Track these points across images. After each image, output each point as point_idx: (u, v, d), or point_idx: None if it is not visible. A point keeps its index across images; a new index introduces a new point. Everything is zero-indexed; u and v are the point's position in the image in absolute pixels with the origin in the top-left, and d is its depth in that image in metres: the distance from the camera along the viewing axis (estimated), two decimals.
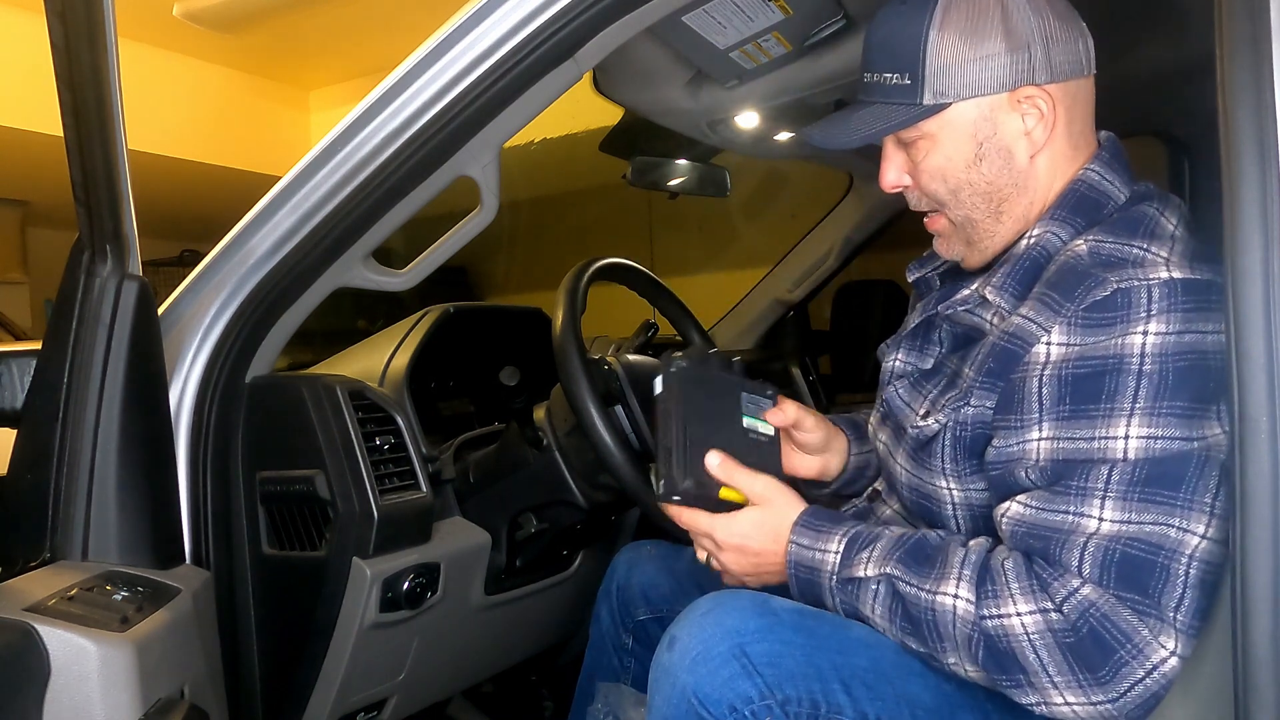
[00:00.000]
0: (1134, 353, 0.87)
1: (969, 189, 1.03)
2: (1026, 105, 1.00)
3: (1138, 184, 1.04)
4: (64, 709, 0.84)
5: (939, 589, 0.92)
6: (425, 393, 1.65)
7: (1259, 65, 0.73)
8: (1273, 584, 0.72)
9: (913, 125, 1.02)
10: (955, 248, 1.09)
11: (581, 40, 1.11)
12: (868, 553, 0.99)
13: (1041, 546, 0.90)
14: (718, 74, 1.51)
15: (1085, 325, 0.90)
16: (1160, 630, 0.84)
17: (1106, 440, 0.87)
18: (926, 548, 0.97)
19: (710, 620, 0.95)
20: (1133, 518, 0.86)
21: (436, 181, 1.20)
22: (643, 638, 1.41)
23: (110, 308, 1.03)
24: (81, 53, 0.95)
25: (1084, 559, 0.87)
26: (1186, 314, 0.87)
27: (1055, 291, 0.93)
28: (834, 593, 1.00)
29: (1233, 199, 0.74)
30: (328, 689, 1.31)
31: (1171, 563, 0.85)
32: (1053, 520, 0.89)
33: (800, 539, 1.03)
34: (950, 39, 0.98)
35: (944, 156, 1.03)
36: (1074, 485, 0.88)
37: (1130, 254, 0.93)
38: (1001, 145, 1.02)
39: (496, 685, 1.93)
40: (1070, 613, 0.86)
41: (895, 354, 1.16)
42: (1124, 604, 0.85)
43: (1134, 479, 0.86)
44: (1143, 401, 0.86)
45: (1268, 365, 0.72)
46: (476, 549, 1.43)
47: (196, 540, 1.22)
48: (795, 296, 2.50)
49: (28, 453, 1.04)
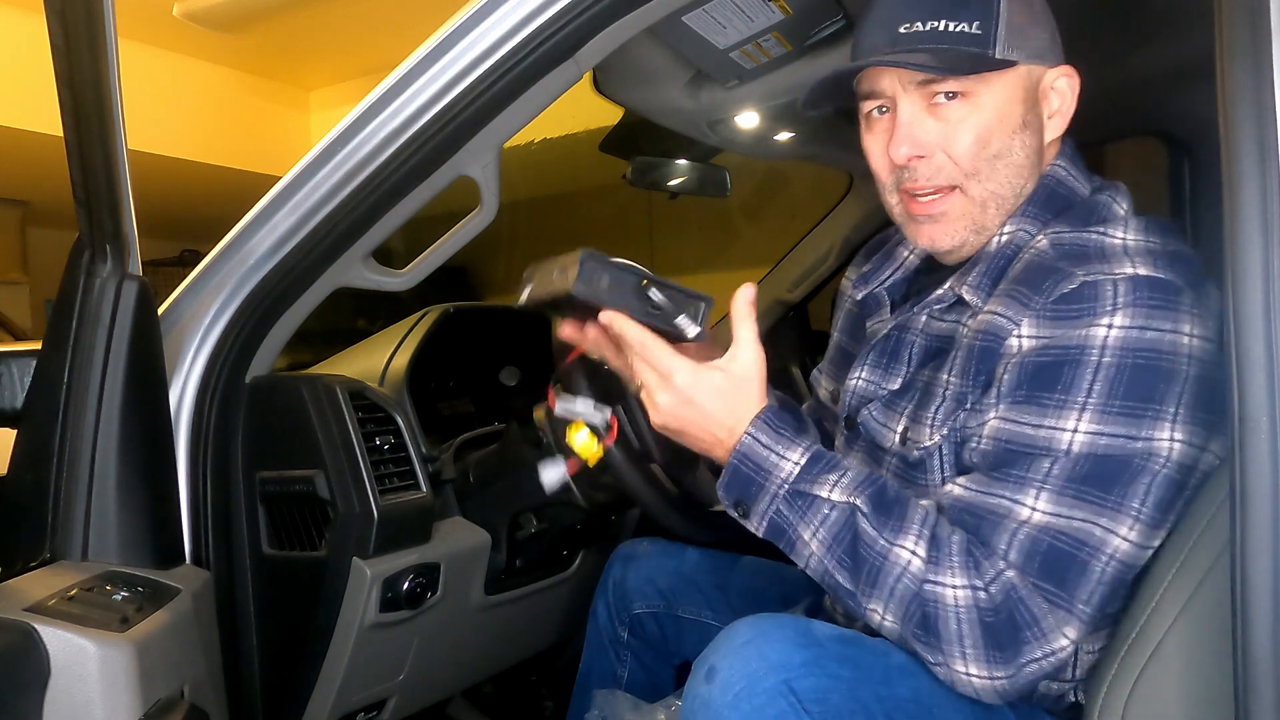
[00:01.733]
0: (1095, 344, 0.89)
1: (1008, 158, 1.00)
2: (1058, 83, 1.02)
3: (1093, 179, 1.06)
4: (64, 709, 0.84)
5: (897, 540, 0.93)
6: (425, 393, 1.65)
7: (1259, 65, 0.73)
8: (1273, 584, 0.72)
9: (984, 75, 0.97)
10: (960, 231, 1.03)
11: (581, 40, 1.11)
12: (835, 476, 0.97)
13: (975, 525, 0.93)
14: (718, 74, 1.51)
15: (1053, 318, 0.92)
16: (1066, 621, 0.89)
17: (1054, 431, 0.90)
18: (889, 494, 0.97)
19: (752, 652, 0.90)
20: (1063, 512, 0.89)
21: (436, 181, 1.20)
22: (639, 632, 1.41)
23: (110, 308, 1.03)
24: (81, 53, 0.95)
25: (1012, 545, 0.90)
26: (1150, 310, 0.89)
27: (1024, 286, 0.95)
28: (775, 499, 0.97)
29: (1233, 199, 0.74)
30: (328, 689, 1.31)
31: (1091, 560, 0.89)
32: (989, 503, 0.92)
33: (759, 434, 0.98)
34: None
35: (995, 115, 0.99)
36: (1014, 474, 0.92)
37: (1089, 240, 0.96)
38: (1037, 122, 1.02)
39: (496, 685, 1.93)
40: (996, 594, 0.90)
41: (859, 372, 1.14)
42: (1039, 592, 0.89)
43: (1072, 475, 0.90)
44: (1096, 397, 0.89)
45: (1268, 365, 0.72)
46: (476, 549, 1.43)
47: (196, 540, 1.22)
48: (795, 296, 2.50)
49: (28, 453, 1.04)
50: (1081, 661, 1.01)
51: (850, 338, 1.27)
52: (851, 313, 1.25)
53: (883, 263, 1.21)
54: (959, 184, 1.01)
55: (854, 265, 1.27)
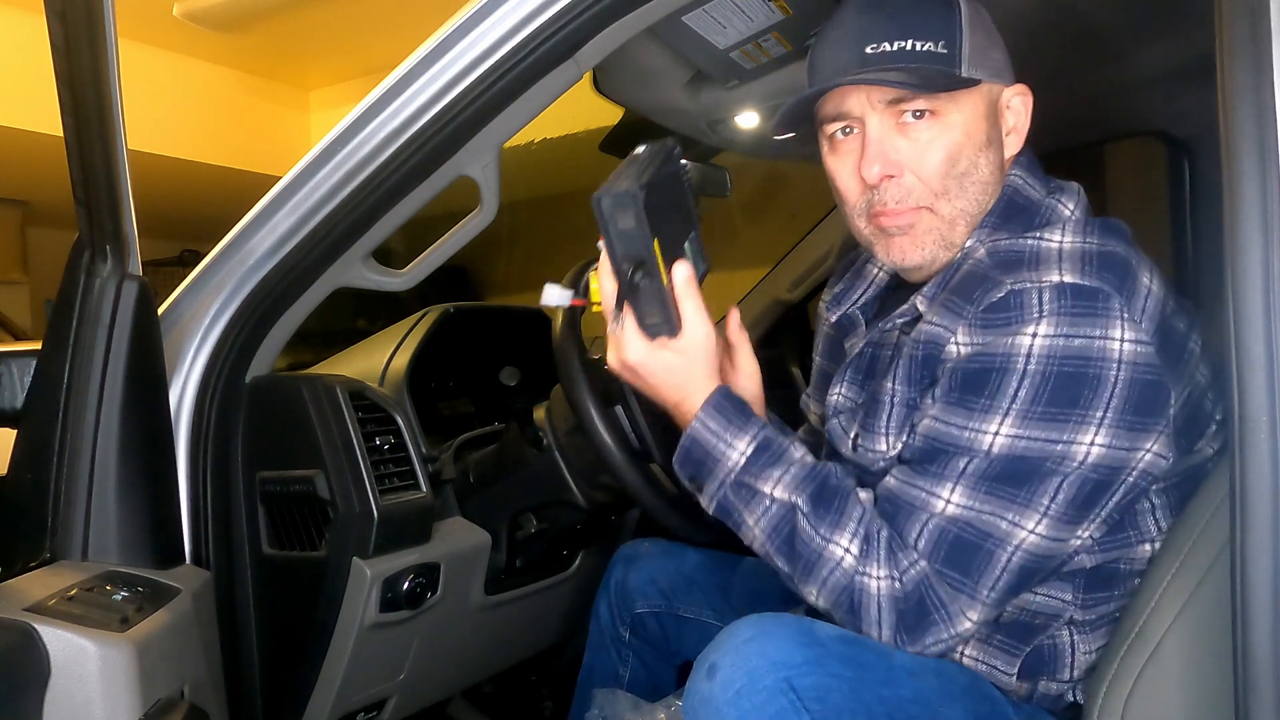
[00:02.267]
0: (1021, 352, 0.91)
1: (975, 175, 1.01)
2: (1016, 103, 1.03)
3: (1049, 182, 1.07)
4: (64, 709, 0.84)
5: (832, 537, 0.96)
6: (425, 393, 1.65)
7: (1259, 65, 0.73)
8: (1273, 584, 0.72)
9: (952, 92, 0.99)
10: (929, 246, 1.03)
11: (581, 40, 1.11)
12: (779, 471, 0.99)
13: (893, 513, 0.97)
14: (718, 74, 1.51)
15: (983, 326, 0.94)
16: (969, 605, 0.94)
17: (976, 433, 0.93)
18: (829, 487, 0.99)
19: (753, 649, 0.91)
20: (974, 505, 0.93)
21: (436, 181, 1.20)
22: (640, 632, 1.41)
23: (110, 308, 1.03)
24: (81, 53, 0.95)
25: (922, 535, 0.95)
26: (1074, 318, 0.90)
27: (957, 295, 0.98)
28: (722, 486, 1.01)
29: (1233, 199, 0.74)
30: (328, 689, 1.31)
31: (996, 550, 0.93)
32: (909, 493, 0.96)
33: (709, 420, 1.02)
34: (976, 18, 1.00)
35: (963, 134, 1.00)
36: (932, 469, 0.95)
37: (1024, 246, 0.98)
38: (999, 139, 1.04)
39: (496, 685, 1.93)
40: (907, 584, 0.95)
41: (838, 389, 1.16)
42: (944, 579, 0.94)
43: (986, 473, 0.93)
44: (1020, 403, 0.91)
45: (1268, 365, 0.72)
46: (476, 549, 1.43)
47: (196, 540, 1.22)
48: (795, 296, 2.50)
49: (28, 453, 1.04)
50: (1080, 662, 1.01)
51: (830, 359, 1.27)
52: (830, 336, 1.26)
53: (854, 281, 1.21)
54: (928, 204, 1.02)
55: (829, 286, 1.28)
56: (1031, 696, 1.03)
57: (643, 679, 1.41)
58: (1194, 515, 0.94)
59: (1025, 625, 1.02)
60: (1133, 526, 1.00)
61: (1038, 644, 1.02)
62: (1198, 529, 0.92)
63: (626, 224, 0.94)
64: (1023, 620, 1.02)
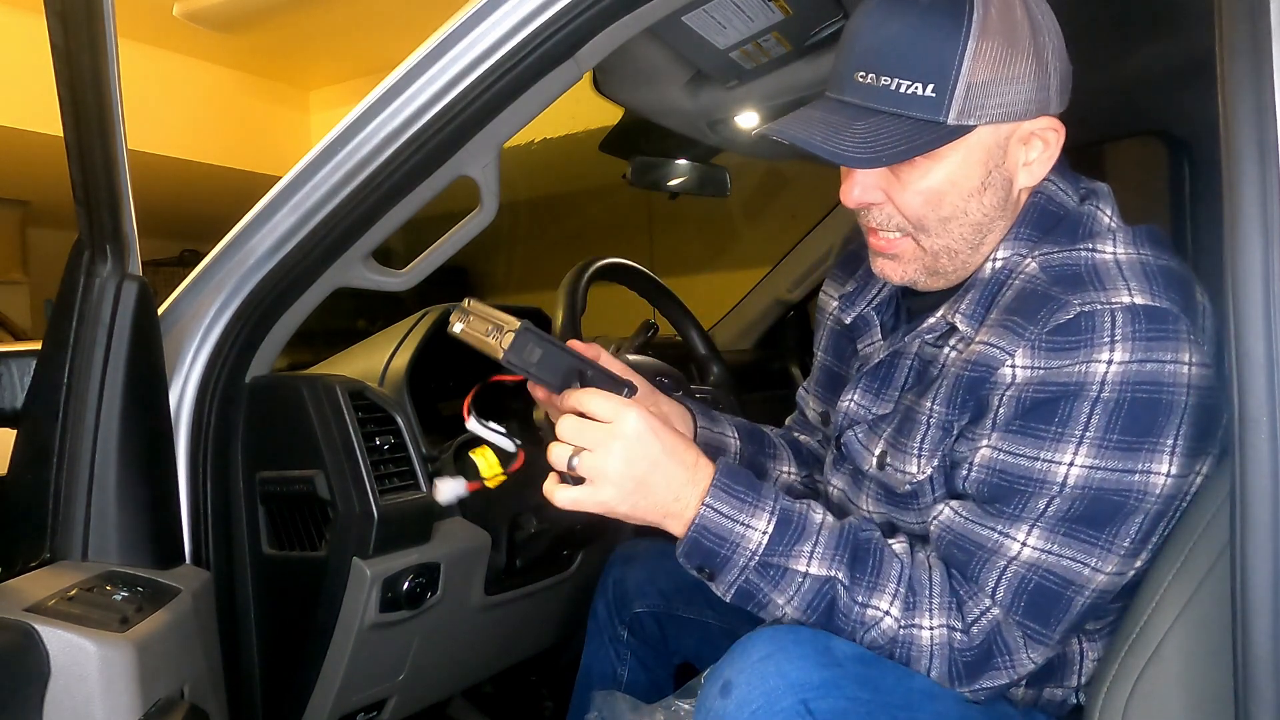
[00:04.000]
0: (1095, 379, 0.87)
1: (962, 219, 0.95)
2: (1037, 137, 0.95)
3: (1079, 184, 1.02)
4: (64, 709, 0.84)
5: (871, 601, 0.93)
6: (425, 393, 1.65)
7: (1259, 65, 0.73)
8: (1273, 584, 0.72)
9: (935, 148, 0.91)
10: (912, 273, 1.00)
11: (581, 40, 1.11)
12: (809, 546, 0.93)
13: (964, 559, 0.93)
14: (718, 74, 1.51)
15: (1049, 349, 0.89)
16: (1037, 650, 0.92)
17: (1050, 464, 0.89)
18: (861, 548, 0.95)
19: (770, 669, 0.88)
20: (1054, 550, 0.90)
21: (436, 181, 1.20)
22: (638, 631, 1.41)
23: (110, 308, 1.03)
24: (81, 53, 0.95)
25: (1000, 583, 0.91)
26: (1149, 343, 0.87)
27: (1018, 315, 0.92)
28: (744, 571, 0.93)
29: (1233, 199, 0.74)
30: (328, 689, 1.31)
31: (1076, 596, 0.90)
32: (980, 535, 0.92)
33: (718, 504, 0.92)
34: (988, 52, 0.88)
35: (947, 181, 0.93)
36: (1008, 510, 0.91)
37: (1079, 260, 0.93)
38: (1005, 176, 0.95)
39: (496, 685, 1.93)
40: (976, 635, 0.91)
41: (852, 395, 1.11)
42: (1021, 628, 0.91)
43: (1067, 514, 0.89)
44: (1094, 431, 0.87)
45: (1268, 365, 0.72)
46: (476, 549, 1.43)
47: (196, 540, 1.22)
48: (795, 296, 2.50)
49: (28, 453, 1.04)
50: (1086, 668, 1.01)
51: (836, 358, 1.23)
52: (837, 332, 1.22)
53: (866, 281, 1.15)
54: (909, 233, 0.98)
55: (832, 280, 1.23)
56: (1036, 702, 1.03)
57: (641, 679, 1.41)
58: (1194, 516, 0.94)
59: None
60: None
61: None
62: (1198, 530, 0.92)
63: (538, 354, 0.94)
64: None
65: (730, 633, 1.33)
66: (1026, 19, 0.91)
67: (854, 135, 0.90)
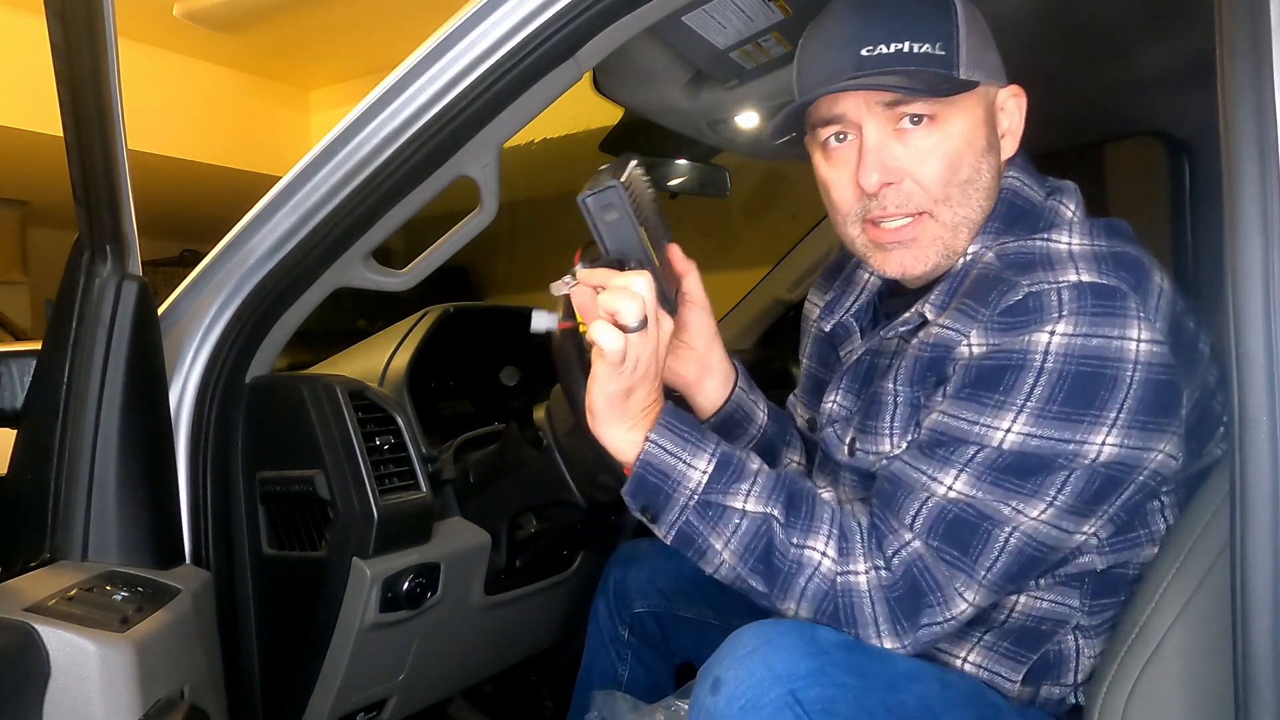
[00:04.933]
0: (1039, 350, 0.89)
1: (978, 182, 0.99)
2: (1011, 104, 1.02)
3: (1045, 182, 1.05)
4: (64, 709, 0.84)
5: (808, 542, 0.94)
6: (425, 393, 1.65)
7: (1259, 65, 0.73)
8: (1273, 584, 0.72)
9: (948, 98, 0.95)
10: (931, 257, 1.01)
11: (581, 40, 1.11)
12: (746, 485, 0.96)
13: (890, 492, 0.95)
14: (718, 74, 1.51)
15: (1000, 328, 0.92)
16: (966, 585, 0.92)
17: (988, 428, 0.91)
18: (795, 493, 0.97)
19: (757, 661, 0.89)
20: (977, 493, 0.91)
21: (436, 181, 1.20)
22: (639, 631, 1.41)
23: (110, 308, 1.03)
24: (81, 53, 0.95)
25: (919, 515, 0.93)
26: (1094, 317, 0.88)
27: (970, 299, 0.95)
28: (684, 510, 0.96)
29: (1233, 199, 0.74)
30: (328, 689, 1.31)
31: (995, 529, 0.91)
32: (910, 475, 0.94)
33: (663, 440, 0.96)
34: (971, 20, 0.98)
35: (963, 140, 0.97)
36: (939, 454, 0.93)
37: (1034, 248, 0.96)
38: (996, 142, 1.02)
39: (496, 685, 1.93)
40: (897, 568, 0.93)
41: (833, 396, 1.13)
42: (941, 557, 0.92)
43: (994, 464, 0.91)
44: (1034, 401, 0.89)
45: (1268, 365, 0.72)
46: (476, 549, 1.43)
47: (196, 540, 1.22)
48: (795, 296, 2.50)
49: (28, 453, 1.04)
50: (1084, 666, 1.01)
51: (820, 365, 1.26)
52: (820, 339, 1.24)
53: (845, 288, 1.19)
54: (929, 209, 0.99)
55: (817, 288, 1.27)
56: (1034, 701, 1.03)
57: (641, 679, 1.41)
58: (1194, 516, 0.94)
59: (1033, 632, 1.01)
60: (1143, 526, 0.99)
61: (1044, 651, 1.01)
62: (1198, 530, 0.92)
63: (613, 217, 0.96)
64: (1030, 627, 1.01)
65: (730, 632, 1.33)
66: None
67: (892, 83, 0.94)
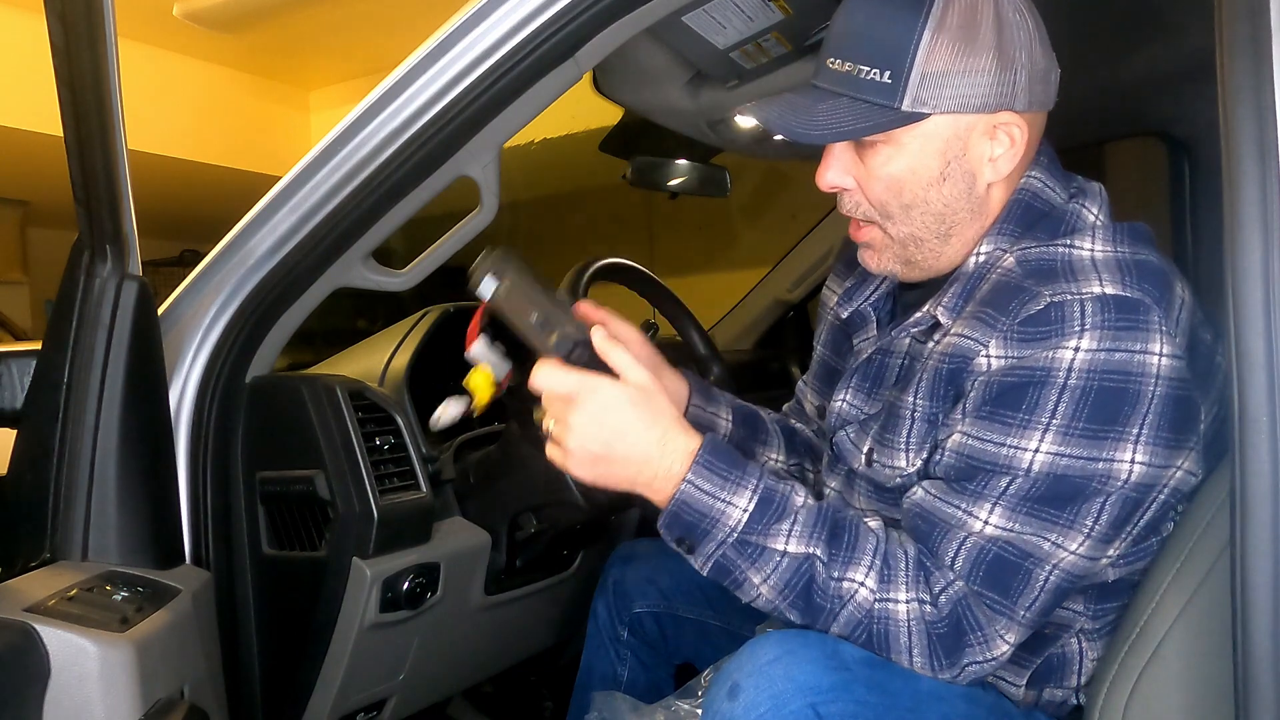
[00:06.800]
0: (1062, 367, 0.88)
1: (923, 207, 0.98)
2: (1001, 131, 0.96)
3: (1071, 182, 1.03)
4: (64, 709, 0.84)
5: (847, 574, 0.93)
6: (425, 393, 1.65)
7: (1259, 65, 0.73)
8: (1273, 584, 0.72)
9: (884, 131, 0.95)
10: (887, 263, 1.04)
11: (581, 40, 1.11)
12: (788, 525, 0.94)
13: (926, 531, 0.94)
14: (718, 74, 1.51)
15: (1020, 339, 0.90)
16: (1008, 628, 0.92)
17: (1016, 450, 0.90)
18: (839, 524, 0.96)
19: (778, 671, 0.88)
20: (1015, 527, 0.90)
21: (436, 181, 1.20)
22: (638, 631, 1.41)
23: (110, 308, 1.03)
24: (81, 53, 0.95)
25: (959, 555, 0.92)
26: (1117, 331, 0.87)
27: (990, 307, 0.94)
28: (722, 546, 0.94)
29: (1233, 199, 0.74)
30: (328, 689, 1.31)
31: (1035, 569, 0.91)
32: (944, 511, 0.93)
33: (700, 480, 0.94)
34: (945, 43, 0.92)
35: (907, 169, 0.97)
36: (971, 487, 0.92)
37: (1055, 254, 0.94)
38: (967, 169, 0.98)
39: (496, 685, 1.93)
40: (944, 606, 0.92)
41: (844, 395, 1.12)
42: (983, 600, 0.92)
43: (1028, 494, 0.90)
44: (1060, 418, 0.88)
45: (1267, 365, 0.72)
46: (476, 549, 1.43)
47: (196, 540, 1.22)
48: (795, 296, 2.50)
49: (28, 453, 1.04)
50: (1086, 668, 1.01)
51: (834, 352, 1.25)
52: (835, 327, 1.23)
53: (865, 276, 1.17)
54: (876, 221, 1.02)
55: (835, 275, 1.25)
56: (1037, 703, 1.03)
57: (641, 679, 1.41)
58: (1194, 516, 0.94)
59: (1038, 637, 1.00)
60: (1154, 534, 0.98)
61: (1049, 654, 1.01)
62: (1198, 530, 0.92)
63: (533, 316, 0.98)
64: (1036, 633, 1.00)
65: (730, 632, 1.33)
66: (993, 14, 0.93)
67: (813, 115, 0.96)
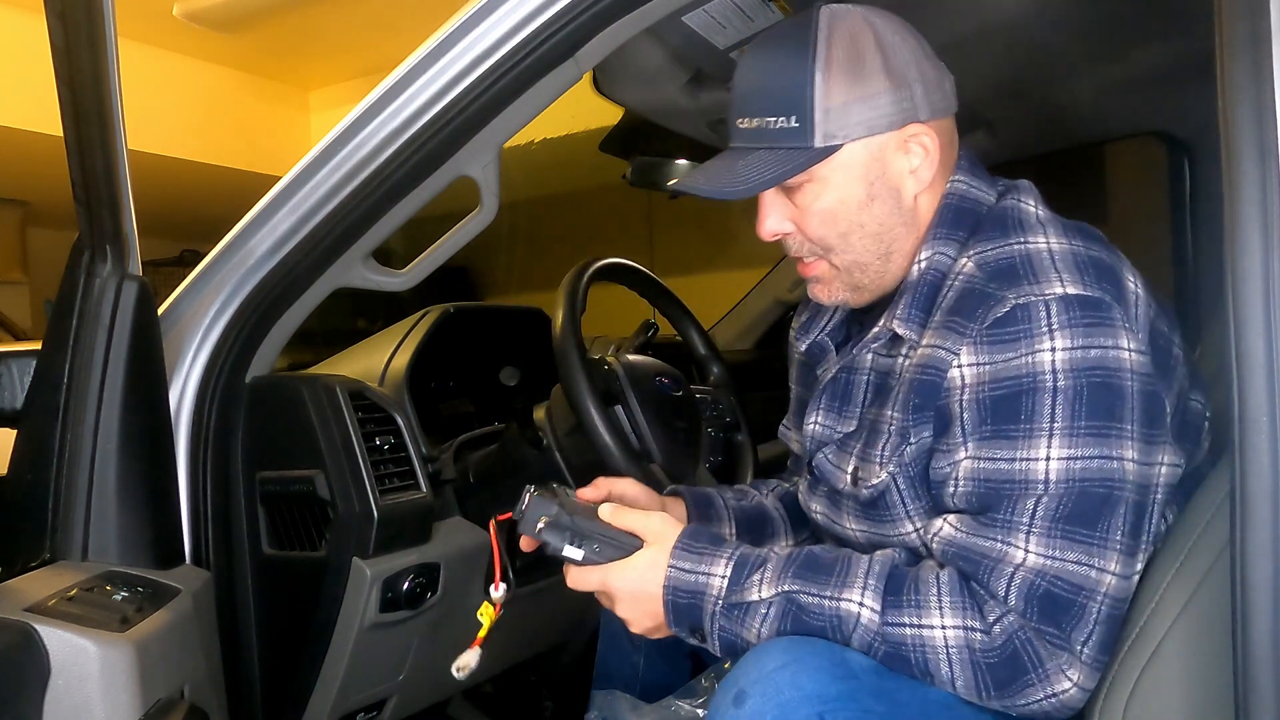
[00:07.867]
0: (1045, 370, 0.89)
1: (860, 231, 1.02)
2: (913, 144, 1.01)
3: (996, 182, 1.06)
4: (64, 709, 0.84)
5: (842, 595, 0.93)
6: (425, 393, 1.65)
7: (1259, 65, 0.73)
8: (1273, 584, 0.72)
9: (804, 170, 0.99)
10: (838, 292, 1.07)
11: (581, 40, 1.11)
12: (759, 575, 0.96)
13: (972, 570, 0.92)
14: (718, 74, 1.51)
15: (991, 343, 0.91)
16: (1070, 664, 0.90)
17: (1028, 462, 0.90)
18: (819, 559, 0.96)
19: (785, 680, 0.87)
20: (1056, 554, 0.90)
21: (436, 181, 1.20)
22: None
23: (110, 308, 1.03)
24: (81, 53, 0.95)
25: (1010, 589, 0.90)
26: (1087, 328, 0.89)
27: (957, 315, 0.95)
28: (715, 618, 0.97)
29: (1233, 199, 0.74)
30: (328, 689, 1.31)
31: (1089, 602, 0.90)
32: (982, 546, 0.92)
33: (680, 562, 0.98)
34: (838, 78, 0.97)
35: (835, 199, 1.01)
36: (999, 517, 0.91)
37: (1014, 253, 0.95)
38: (890, 185, 1.02)
39: (496, 685, 1.93)
40: (998, 636, 0.90)
41: (814, 417, 1.12)
42: (1042, 636, 0.90)
43: (1057, 514, 0.90)
44: (1060, 420, 0.89)
45: (1267, 365, 0.72)
46: (476, 549, 1.43)
47: (196, 540, 1.22)
48: (795, 296, 2.50)
49: (28, 453, 1.04)
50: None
51: (805, 388, 1.25)
52: (801, 363, 1.25)
53: (818, 309, 1.19)
54: (821, 255, 1.05)
55: (796, 314, 1.27)
56: None
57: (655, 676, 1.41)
58: (1194, 515, 0.94)
59: None
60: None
61: None
62: (1198, 530, 0.92)
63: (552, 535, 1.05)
64: None
65: None
66: (873, 42, 0.99)
67: (736, 173, 1.01)
